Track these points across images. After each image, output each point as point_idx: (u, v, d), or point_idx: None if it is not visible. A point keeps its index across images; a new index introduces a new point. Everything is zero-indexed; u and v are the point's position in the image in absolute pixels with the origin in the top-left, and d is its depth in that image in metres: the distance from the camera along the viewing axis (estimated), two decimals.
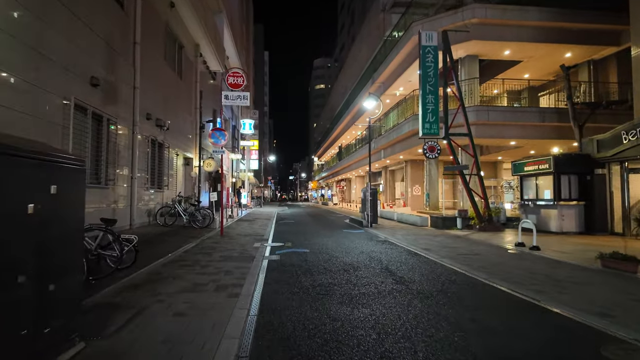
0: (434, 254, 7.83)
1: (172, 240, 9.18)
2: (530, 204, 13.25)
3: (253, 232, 11.98)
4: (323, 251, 8.05)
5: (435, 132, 13.33)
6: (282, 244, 9.29)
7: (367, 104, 15.00)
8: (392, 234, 11.69)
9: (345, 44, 55.11)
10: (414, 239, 10.44)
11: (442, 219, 13.98)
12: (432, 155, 13.44)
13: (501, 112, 15.79)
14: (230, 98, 10.73)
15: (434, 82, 13.45)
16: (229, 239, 10.10)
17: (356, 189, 43.46)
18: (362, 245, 9.07)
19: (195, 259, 6.95)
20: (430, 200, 21.79)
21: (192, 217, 12.00)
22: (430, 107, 13.36)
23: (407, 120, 18.43)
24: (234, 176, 31.66)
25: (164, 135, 12.79)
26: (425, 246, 9.01)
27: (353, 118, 34.60)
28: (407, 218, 16.45)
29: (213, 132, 10.63)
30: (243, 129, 31.04)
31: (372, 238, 10.71)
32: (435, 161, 21.94)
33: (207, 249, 8.23)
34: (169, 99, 13.62)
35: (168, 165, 13.34)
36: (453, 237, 11.06)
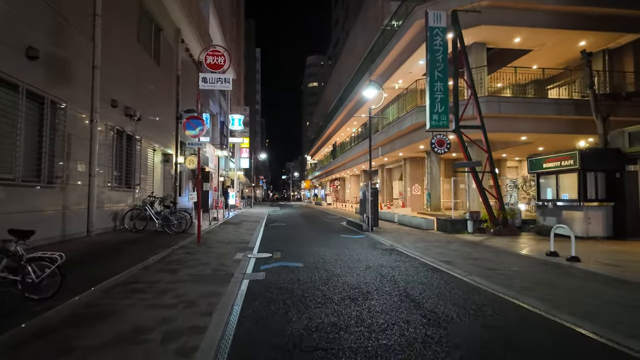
0: (458, 269, 6.29)
1: (134, 250, 7.52)
2: (549, 204, 11.83)
3: (237, 238, 10.35)
4: (320, 266, 6.46)
5: (444, 124, 11.83)
6: (269, 254, 7.68)
7: (367, 92, 13.46)
8: (398, 240, 10.16)
9: (340, 39, 53.60)
10: (424, 247, 8.91)
11: (451, 221, 12.50)
12: (441, 150, 11.94)
13: (513, 104, 14.36)
14: (209, 81, 9.09)
15: (443, 68, 11.94)
16: (207, 247, 8.47)
17: (351, 189, 41.96)
18: (367, 257, 7.50)
19: (153, 279, 5.32)
20: (431, 200, 20.34)
21: (166, 221, 10.33)
22: (438, 96, 11.86)
23: (409, 114, 16.93)
24: (223, 175, 29.93)
25: (134, 127, 11.09)
26: (442, 257, 7.48)
27: (348, 113, 33.07)
28: (410, 220, 14.95)
29: (188, 121, 8.98)
30: (232, 125, 29.30)
31: (376, 246, 9.16)
32: (437, 159, 20.52)
33: (175, 263, 6.59)
34: (144, 86, 11.92)
35: (140, 161, 11.65)
36: (469, 244, 9.56)
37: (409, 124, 16.71)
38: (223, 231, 12.06)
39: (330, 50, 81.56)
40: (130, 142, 10.95)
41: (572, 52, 16.98)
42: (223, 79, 9.16)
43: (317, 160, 62.99)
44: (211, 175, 22.90)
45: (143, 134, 11.87)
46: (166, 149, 14.97)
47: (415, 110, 16.19)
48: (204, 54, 9.35)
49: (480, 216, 12.24)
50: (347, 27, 44.90)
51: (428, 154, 20.58)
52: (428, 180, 20.65)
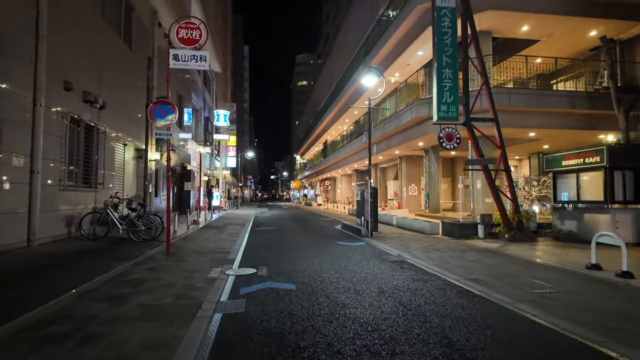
0: (496, 291, 4.90)
1: (80, 266, 5.95)
2: (568, 206, 10.61)
3: (217, 246, 8.80)
4: (318, 288, 5.00)
5: (453, 116, 10.50)
6: (253, 270, 6.18)
7: (366, 80, 12.05)
8: (405, 248, 8.76)
9: (330, 35, 52.19)
10: (439, 258, 7.53)
11: (459, 225, 11.18)
12: (449, 145, 10.60)
13: (524, 96, 13.14)
14: (181, 59, 7.54)
15: (452, 53, 10.61)
16: (177, 260, 6.91)
17: (342, 189, 40.61)
18: (375, 273, 6.06)
19: (87, 314, 3.78)
20: (430, 201, 19.09)
21: (131, 227, 8.72)
22: (447, 84, 10.52)
23: (409, 107, 15.58)
24: (207, 174, 28.21)
25: (97, 116, 9.45)
26: (466, 272, 6.09)
27: (341, 110, 31.68)
28: (411, 223, 13.59)
29: (155, 106, 7.41)
30: (217, 121, 27.61)
31: (382, 256, 7.73)
32: (435, 157, 19.29)
33: (128, 285, 5.04)
34: (111, 71, 10.30)
35: (105, 156, 10.01)
36: (488, 253, 8.23)
37: (409, 119, 15.38)
38: (201, 237, 10.49)
39: (320, 48, 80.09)
40: (90, 134, 9.30)
41: (581, 43, 15.92)
42: (198, 57, 7.62)
43: (306, 160, 61.47)
44: (193, 174, 21.22)
45: (109, 125, 10.23)
46: (140, 143, 13.29)
47: (417, 103, 14.86)
48: (176, 27, 7.78)
49: (492, 220, 10.95)
50: (339, 22, 43.50)
51: (426, 152, 19.33)
52: (426, 180, 19.39)
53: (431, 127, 14.78)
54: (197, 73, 24.31)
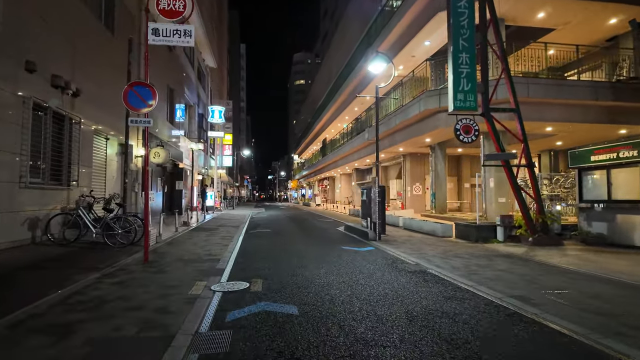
0: (556, 315, 3.82)
1: (33, 280, 4.84)
2: (596, 206, 9.57)
3: (205, 252, 7.68)
4: (328, 313, 3.89)
5: (471, 105, 9.43)
6: (246, 284, 5.07)
7: (373, 67, 10.93)
8: (420, 254, 7.68)
9: (329, 32, 51.12)
10: (464, 266, 6.45)
11: (476, 227, 10.11)
12: (467, 139, 9.53)
13: (543, 86, 12.09)
14: (161, 34, 6.41)
15: (469, 36, 9.55)
16: (155, 271, 5.79)
17: (341, 189, 39.52)
18: (395, 289, 4.96)
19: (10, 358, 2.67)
20: (436, 201, 18.01)
21: (107, 230, 7.59)
22: (464, 71, 9.45)
23: (417, 99, 14.48)
24: (202, 173, 27.04)
25: (70, 104, 8.31)
26: (505, 286, 5.01)
27: (340, 106, 30.60)
28: (420, 225, 12.51)
29: (131, 89, 6.28)
30: (212, 117, 26.45)
31: (397, 265, 6.63)
32: (442, 154, 18.23)
33: (82, 308, 3.92)
34: (88, 56, 9.17)
35: (80, 150, 8.86)
36: (518, 261, 7.15)
37: (416, 112, 14.29)
38: (190, 241, 9.36)
39: (317, 46, 79.01)
40: (61, 124, 8.15)
41: (598, 33, 14.89)
42: (182, 31, 6.49)
43: (304, 159, 60.38)
44: (185, 173, 20.07)
45: (87, 115, 9.09)
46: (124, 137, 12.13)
47: (425, 95, 13.78)
48: None
49: (513, 221, 9.89)
50: (337, 17, 42.42)
51: (432, 149, 18.27)
52: (432, 179, 18.32)
53: (441, 120, 13.75)
54: (190, 67, 23.17)
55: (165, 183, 17.69)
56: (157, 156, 13.39)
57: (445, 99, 13.06)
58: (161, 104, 16.16)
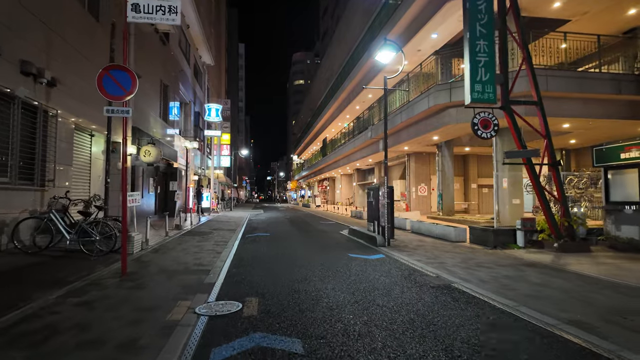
0: None
1: None
2: (628, 208, 8.71)
3: (194, 261, 6.79)
4: (340, 352, 2.99)
5: (490, 98, 8.57)
6: (238, 305, 4.18)
7: (382, 56, 10.05)
8: (438, 263, 6.79)
9: (329, 29, 50.29)
10: (493, 279, 5.57)
11: (494, 232, 9.23)
12: (486, 134, 8.66)
13: (562, 79, 11.23)
14: (142, 10, 5.53)
15: (487, 21, 8.69)
16: (131, 287, 4.90)
17: (342, 189, 38.64)
18: (422, 312, 4.08)
19: None
20: (443, 202, 17.14)
21: (83, 236, 6.69)
22: (482, 59, 8.59)
23: (425, 94, 13.59)
24: (198, 173, 26.14)
25: (44, 94, 7.41)
26: (552, 306, 4.14)
27: (342, 104, 29.75)
28: (430, 229, 11.62)
29: (106, 73, 5.39)
30: (208, 116, 25.55)
31: (416, 278, 5.75)
32: (449, 153, 17.38)
33: (24, 342, 3.03)
34: (67, 42, 8.28)
35: (58, 147, 7.97)
36: (550, 271, 6.28)
37: (425, 108, 13.41)
38: (180, 247, 8.46)
39: (317, 45, 78.20)
40: (34, 116, 7.26)
41: (616, 24, 14.03)
42: (166, 8, 5.61)
43: (304, 160, 59.51)
44: (180, 173, 19.16)
45: (67, 108, 8.21)
46: (114, 135, 11.24)
47: (434, 89, 12.90)
48: None
49: (535, 225, 9.02)
50: (338, 14, 41.58)
51: (439, 148, 17.41)
52: (439, 179, 17.45)
53: (451, 117, 12.88)
54: (186, 62, 22.29)
55: (158, 184, 16.79)
56: (147, 154, 12.49)
57: (457, 93, 12.23)
58: (154, 99, 15.28)
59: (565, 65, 11.90)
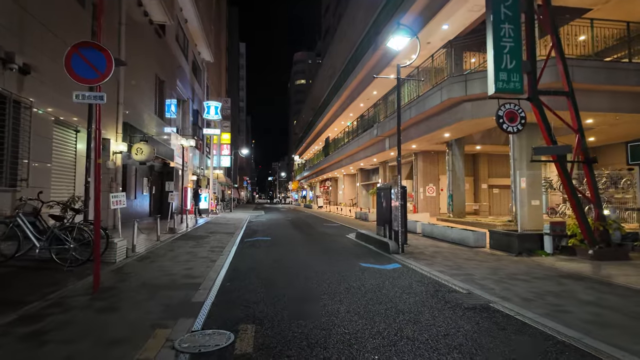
0: None
1: None
2: None
3: (184, 271, 5.91)
4: None
5: (516, 87, 7.67)
6: (229, 336, 3.29)
7: (394, 42, 9.14)
8: (465, 276, 5.90)
9: (331, 26, 49.42)
10: (535, 295, 4.68)
11: (518, 237, 8.33)
12: (512, 128, 7.76)
13: (590, 70, 10.31)
14: None
15: (513, 3, 7.81)
16: (101, 309, 4.02)
17: (344, 190, 37.75)
18: (465, 347, 3.17)
19: None
20: (454, 203, 16.24)
21: (56, 243, 5.82)
22: (507, 45, 7.70)
23: (438, 87, 12.68)
24: (197, 173, 25.30)
25: (15, 82, 6.57)
26: (630, 338, 3.24)
27: (345, 102, 28.91)
28: (445, 232, 10.73)
29: (75, 51, 4.53)
30: (207, 114, 24.72)
31: (444, 295, 4.85)
32: (460, 152, 16.47)
33: None
34: (50, 29, 7.41)
35: (32, 142, 7.10)
36: (597, 284, 5.38)
37: (437, 102, 12.51)
38: (170, 254, 7.58)
39: (318, 44, 77.40)
40: (1, 106, 6.39)
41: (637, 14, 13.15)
42: None
43: (305, 160, 58.66)
44: (177, 173, 18.30)
45: (43, 99, 7.35)
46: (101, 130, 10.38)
47: (448, 82, 11.99)
48: None
49: (565, 229, 8.12)
50: (340, 10, 40.71)
51: (449, 146, 16.50)
52: (449, 179, 16.54)
53: (466, 112, 11.98)
54: (184, 58, 21.46)
55: (152, 184, 15.94)
56: (139, 152, 11.63)
57: (473, 85, 11.34)
58: (148, 95, 14.44)
59: (592, 55, 10.96)
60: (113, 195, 6.98)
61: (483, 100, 11.44)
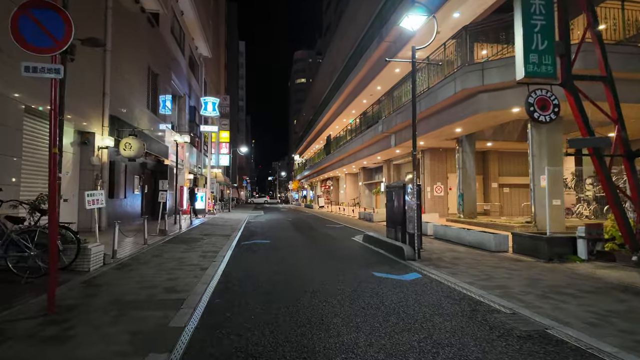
0: None
1: None
2: None
3: (166, 284, 4.99)
4: None
5: (548, 71, 6.76)
6: None
7: (408, 22, 8.17)
8: (501, 290, 4.96)
9: (332, 23, 48.48)
10: (599, 317, 3.76)
11: (547, 240, 7.41)
12: (544, 117, 6.83)
13: (624, 56, 9.36)
14: None
15: None
16: (48, 339, 3.09)
17: (346, 189, 36.83)
18: None
19: None
20: (465, 203, 15.31)
21: (14, 250, 4.90)
22: (538, 23, 6.79)
23: (451, 77, 11.73)
24: (194, 172, 24.40)
25: None
26: None
27: (347, 98, 28.01)
28: (459, 234, 9.81)
29: (24, 12, 3.62)
30: (204, 110, 23.81)
31: (483, 315, 3.93)
32: (471, 149, 15.53)
33: None
34: None
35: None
36: None
37: (450, 94, 11.58)
38: (156, 260, 6.66)
39: (319, 43, 76.51)
40: None
41: None
42: None
43: (306, 159, 57.74)
44: (171, 171, 17.36)
45: (8, 83, 6.41)
46: (84, 122, 9.51)
47: (462, 71, 11.06)
48: None
49: (602, 232, 7.20)
50: (342, 7, 39.76)
51: (460, 143, 15.58)
52: (460, 178, 15.61)
53: (482, 103, 11.05)
54: (179, 51, 20.54)
55: (145, 182, 15.02)
56: (128, 148, 10.72)
57: (491, 74, 10.42)
58: (139, 87, 13.51)
59: (624, 40, 10.04)
60: (89, 194, 6.08)
61: (501, 90, 10.55)
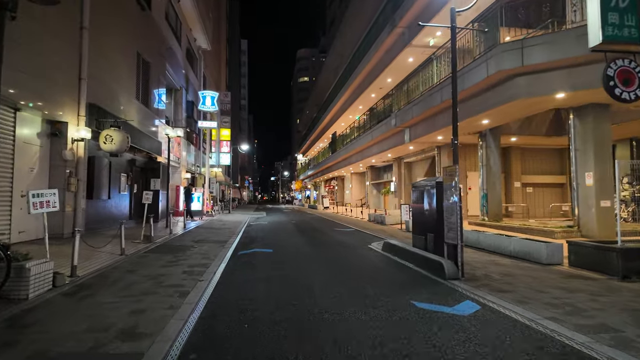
0: None
1: None
2: None
3: (125, 321, 3.49)
4: None
5: (632, 35, 5.24)
6: None
7: None
8: (600, 326, 3.44)
9: (336, 18, 46.96)
10: None
11: (620, 252, 5.86)
12: (629, 94, 5.28)
13: None
14: None
15: None
16: None
17: (352, 189, 35.30)
18: None
19: None
20: (489, 205, 13.77)
21: None
22: None
23: (483, 57, 10.14)
24: (192, 171, 22.96)
25: None
26: None
27: (354, 93, 26.47)
28: (497, 242, 8.27)
29: None
30: (202, 104, 22.36)
31: None
32: (495, 144, 14.01)
33: None
34: None
35: None
36: None
37: (482, 77, 9.97)
38: (127, 279, 5.17)
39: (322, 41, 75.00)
40: None
41: None
42: None
43: (309, 158, 56.24)
44: (165, 169, 15.90)
45: None
46: (57, 111, 8.07)
47: (497, 50, 9.47)
48: None
49: None
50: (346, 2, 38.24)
51: (483, 137, 14.04)
52: (483, 177, 14.08)
53: (520, 88, 9.48)
54: (175, 41, 19.10)
55: (134, 181, 13.56)
56: (109, 141, 9.30)
57: (532, 53, 8.87)
58: (126, 74, 12.04)
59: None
60: (34, 194, 4.63)
61: (544, 73, 9.00)
